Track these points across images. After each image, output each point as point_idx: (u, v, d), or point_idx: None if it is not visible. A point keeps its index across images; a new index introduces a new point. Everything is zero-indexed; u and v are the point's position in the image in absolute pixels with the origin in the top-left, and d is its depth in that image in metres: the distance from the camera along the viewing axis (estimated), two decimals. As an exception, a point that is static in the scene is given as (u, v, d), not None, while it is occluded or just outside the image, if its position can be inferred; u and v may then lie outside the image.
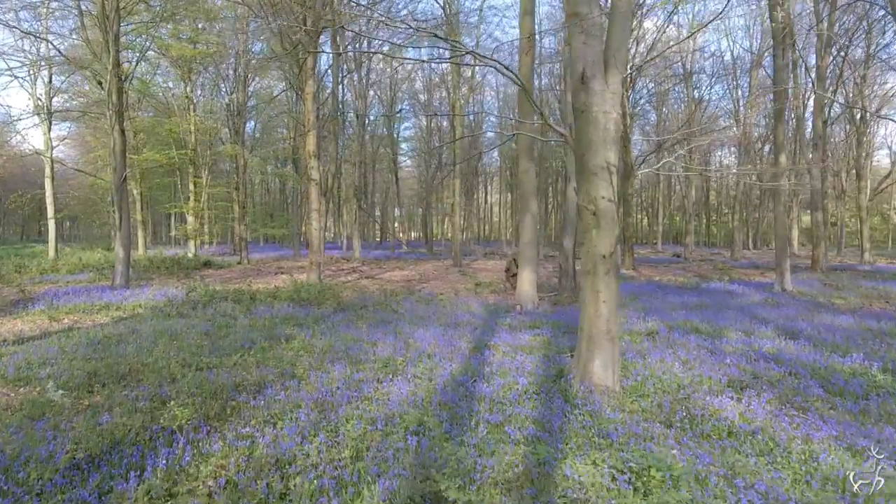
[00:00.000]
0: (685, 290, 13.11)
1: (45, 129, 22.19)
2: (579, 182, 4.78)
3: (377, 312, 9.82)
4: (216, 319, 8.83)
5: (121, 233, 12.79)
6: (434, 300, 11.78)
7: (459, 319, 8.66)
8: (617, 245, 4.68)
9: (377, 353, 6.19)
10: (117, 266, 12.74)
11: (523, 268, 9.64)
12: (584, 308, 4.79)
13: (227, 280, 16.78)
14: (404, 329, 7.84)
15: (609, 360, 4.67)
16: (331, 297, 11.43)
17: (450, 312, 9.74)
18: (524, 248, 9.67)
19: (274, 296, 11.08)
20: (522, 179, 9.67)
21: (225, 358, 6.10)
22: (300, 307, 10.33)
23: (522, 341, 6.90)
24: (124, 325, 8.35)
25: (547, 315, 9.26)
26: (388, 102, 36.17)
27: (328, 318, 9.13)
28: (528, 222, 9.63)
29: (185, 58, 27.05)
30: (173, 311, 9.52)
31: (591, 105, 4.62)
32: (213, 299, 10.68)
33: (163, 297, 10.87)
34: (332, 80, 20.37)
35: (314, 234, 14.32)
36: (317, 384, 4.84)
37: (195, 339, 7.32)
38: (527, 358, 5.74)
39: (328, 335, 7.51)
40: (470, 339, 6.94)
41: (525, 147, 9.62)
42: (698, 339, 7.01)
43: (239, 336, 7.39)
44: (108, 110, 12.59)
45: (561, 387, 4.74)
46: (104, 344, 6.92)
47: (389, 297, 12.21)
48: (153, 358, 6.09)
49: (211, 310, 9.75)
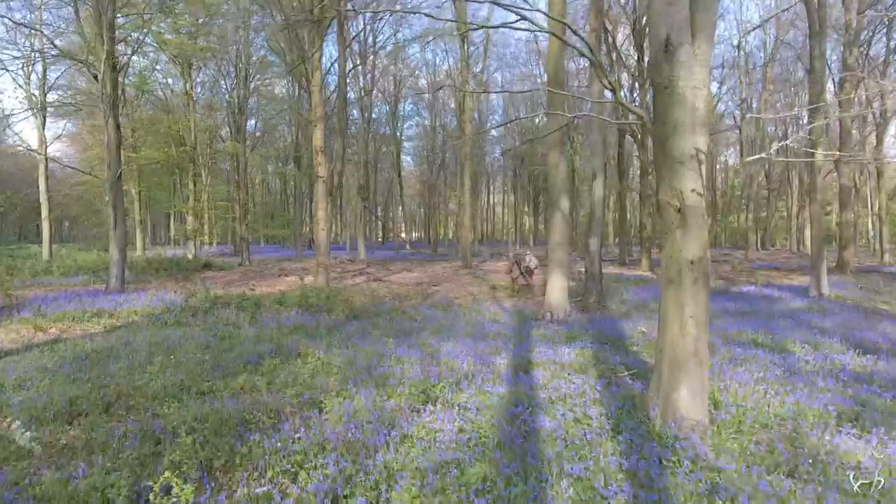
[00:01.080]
0: (718, 295, 12.29)
1: (38, 126, 21.36)
2: (660, 173, 3.96)
3: (395, 321, 9.00)
4: (218, 329, 8.00)
5: (115, 233, 11.97)
6: (452, 306, 10.97)
7: (487, 330, 7.84)
8: (707, 248, 3.87)
9: (405, 372, 5.36)
10: (112, 269, 11.92)
11: (553, 272, 8.82)
12: (665, 325, 3.97)
13: (228, 283, 15.95)
14: (429, 341, 7.01)
15: (698, 388, 3.85)
16: (341, 303, 10.61)
17: (474, 321, 8.92)
18: (554, 251, 8.85)
19: (280, 301, 10.26)
20: (552, 175, 8.86)
21: (230, 379, 5.28)
22: (309, 315, 9.51)
23: (567, 357, 6.07)
24: (117, 335, 7.53)
25: (582, 325, 8.44)
26: (393, 100, 35.37)
27: (341, 328, 8.31)
28: (558, 222, 8.81)
29: (184, 53, 26.25)
30: (171, 320, 8.70)
31: (677, 79, 3.80)
32: (215, 305, 9.86)
33: (160, 303, 10.04)
34: (339, 74, 19.57)
35: (321, 235, 13.50)
36: (342, 415, 4.01)
37: (195, 353, 6.49)
38: (583, 381, 4.91)
39: (344, 349, 6.69)
40: (507, 354, 6.12)
41: (556, 140, 8.80)
42: (764, 353, 6.19)
43: (244, 349, 6.57)
44: (103, 102, 11.77)
45: (639, 419, 3.92)
46: (92, 360, 6.10)
47: (403, 303, 11.39)
48: (147, 378, 5.27)
49: (212, 318, 8.93)
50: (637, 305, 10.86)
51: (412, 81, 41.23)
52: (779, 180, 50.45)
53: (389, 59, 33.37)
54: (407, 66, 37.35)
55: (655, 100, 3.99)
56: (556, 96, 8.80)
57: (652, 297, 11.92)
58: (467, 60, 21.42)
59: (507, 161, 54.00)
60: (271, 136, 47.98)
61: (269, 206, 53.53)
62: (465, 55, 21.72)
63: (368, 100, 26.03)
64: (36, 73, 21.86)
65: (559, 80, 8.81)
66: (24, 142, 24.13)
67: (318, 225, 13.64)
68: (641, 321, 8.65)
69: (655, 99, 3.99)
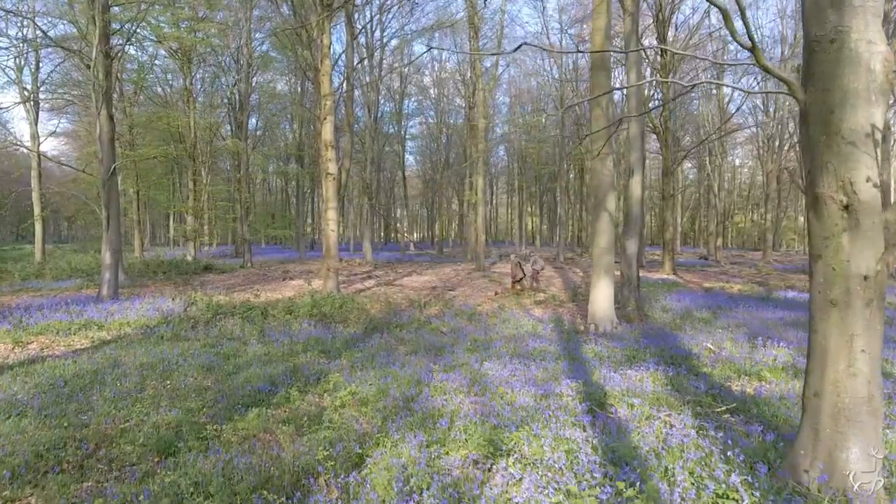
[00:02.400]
0: (765, 303, 11.30)
1: (31, 121, 20.35)
2: (818, 159, 2.97)
3: (420, 333, 8.01)
4: (221, 345, 7.01)
5: (108, 235, 10.97)
6: (478, 315, 9.97)
7: (531, 347, 6.84)
8: (885, 260, 2.89)
9: (454, 407, 4.37)
10: (104, 273, 10.92)
11: (599, 280, 7.82)
12: (825, 360, 2.98)
13: (230, 287, 14.96)
14: (468, 361, 6.02)
15: (874, 444, 2.87)
16: (356, 312, 9.62)
17: (510, 335, 7.93)
18: (601, 257, 7.85)
19: (289, 310, 9.26)
20: (597, 171, 7.87)
21: (238, 417, 4.28)
22: (323, 326, 8.52)
23: (640, 384, 5.08)
24: (105, 353, 6.53)
25: (634, 339, 7.44)
26: (399, 97, 34.39)
27: (362, 343, 7.31)
28: (604, 224, 7.82)
29: (184, 47, 25.28)
30: (168, 333, 7.70)
31: (847, 30, 2.82)
32: (217, 315, 8.87)
33: (156, 313, 9.04)
34: (346, 65, 18.55)
35: (330, 237, 12.51)
36: (390, 480, 3.02)
37: (194, 377, 5.51)
38: (681, 421, 3.91)
39: (370, 370, 5.70)
40: (568, 380, 5.12)
41: (602, 132, 7.82)
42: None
43: (253, 373, 5.57)
44: (94, 91, 10.78)
45: (790, 489, 2.92)
46: (73, 387, 5.10)
47: (424, 311, 10.40)
48: (136, 415, 4.28)
49: (214, 330, 7.94)
50: (682, 314, 9.87)
51: (417, 79, 40.26)
52: (788, 180, 49.58)
53: (395, 55, 32.40)
54: (413, 63, 36.34)
55: (812, 61, 3.00)
56: (600, 81, 7.81)
57: (694, 304, 10.94)
58: (479, 49, 20.40)
59: (511, 161, 53.05)
60: (273, 134, 47.04)
61: (270, 206, 52.58)
62: (477, 48, 20.71)
63: (375, 95, 25.03)
64: (29, 67, 20.85)
65: (605, 63, 7.83)
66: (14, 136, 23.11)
67: (326, 226, 12.64)
68: (700, 335, 7.66)
69: (811, 60, 3.00)
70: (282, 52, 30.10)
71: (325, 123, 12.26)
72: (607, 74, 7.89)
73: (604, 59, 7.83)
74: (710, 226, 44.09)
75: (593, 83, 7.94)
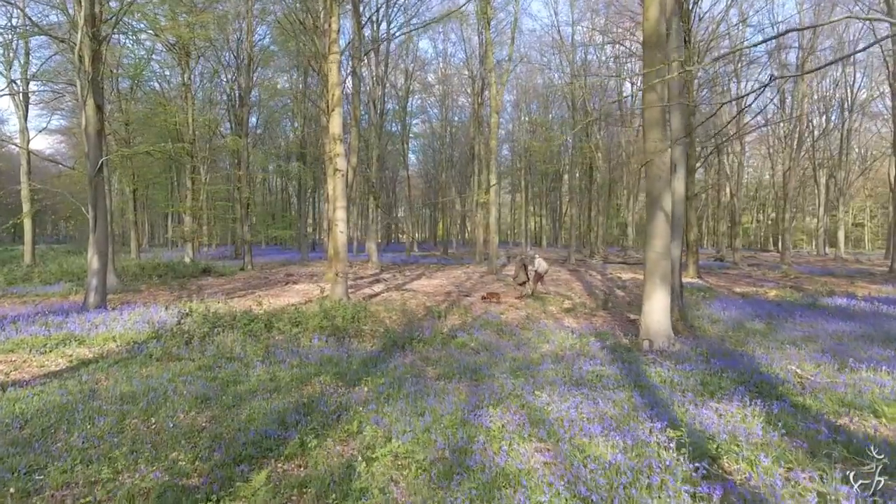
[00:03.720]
0: (816, 311, 10.27)
1: (21, 115, 19.32)
2: None
3: (448, 350, 6.99)
4: (219, 367, 5.98)
5: (96, 236, 9.94)
6: (504, 325, 8.95)
7: (584, 370, 5.79)
8: None
9: (520, 464, 3.34)
10: (91, 279, 9.89)
11: (654, 289, 6.79)
12: None
13: (230, 292, 13.93)
14: (517, 391, 5.00)
15: None
16: (370, 324, 8.60)
17: (550, 351, 6.91)
18: (656, 262, 6.82)
19: (296, 322, 8.23)
20: (652, 164, 6.85)
21: (240, 480, 3.25)
22: (336, 341, 7.49)
23: (741, 425, 4.04)
24: (81, 379, 5.50)
25: (698, 359, 6.41)
26: (403, 92, 33.39)
27: (383, 364, 6.28)
28: (660, 225, 6.79)
29: (182, 41, 24.27)
30: (158, 350, 6.67)
31: None
32: (215, 327, 7.84)
33: (146, 326, 8.01)
34: (353, 55, 17.52)
35: (339, 238, 11.47)
36: None
37: (185, 413, 4.49)
38: (831, 493, 2.89)
39: (402, 402, 4.67)
40: (648, 420, 4.09)
41: (655, 117, 6.81)
42: None
43: (258, 409, 4.54)
44: (79, 79, 9.75)
45: None
46: (33, 429, 4.08)
47: (445, 321, 9.37)
48: (106, 475, 3.26)
49: (211, 347, 6.90)
50: (733, 326, 8.85)
51: (421, 77, 39.28)
52: (800, 179, 48.67)
53: (401, 50, 31.43)
54: (418, 59, 35.41)
55: None
56: (655, 62, 6.79)
57: (740, 313, 9.92)
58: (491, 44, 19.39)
59: (515, 160, 52.05)
60: (273, 132, 46.04)
61: (271, 207, 51.60)
62: (489, 40, 19.71)
63: (381, 90, 24.02)
64: (18, 59, 19.83)
65: (661, 40, 6.81)
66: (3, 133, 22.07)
67: (335, 227, 11.60)
68: (771, 353, 6.65)
69: None
70: (283, 46, 29.14)
71: (332, 116, 11.23)
72: (664, 54, 6.88)
73: (659, 35, 6.80)
74: (721, 226, 43.12)
75: (647, 63, 6.91)
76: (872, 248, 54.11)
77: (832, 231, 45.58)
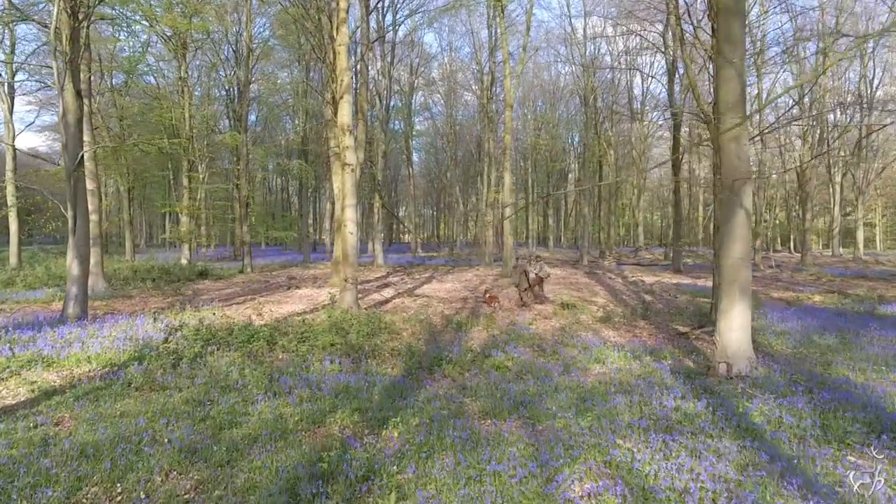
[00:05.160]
0: (881, 321, 9.17)
1: (5, 110, 18.19)
2: None
3: (485, 374, 5.87)
4: (212, 403, 4.86)
5: (75, 239, 8.82)
6: (542, 341, 7.83)
7: (666, 408, 4.67)
8: None
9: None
10: (70, 288, 8.77)
11: (733, 303, 5.66)
12: None
13: (228, 299, 12.82)
14: (591, 436, 3.88)
15: None
16: (388, 339, 7.49)
17: (607, 375, 5.78)
18: (735, 270, 5.69)
19: (303, 337, 7.11)
20: (729, 151, 5.73)
21: None
22: (351, 363, 6.35)
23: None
24: (36, 421, 4.39)
25: (800, 389, 5.28)
26: (408, 87, 32.26)
27: (411, 396, 5.16)
28: (739, 225, 5.67)
29: (178, 32, 23.13)
30: (139, 376, 5.54)
31: None
32: (209, 344, 6.74)
33: (128, 343, 6.87)
34: (361, 41, 16.38)
35: (348, 240, 10.36)
36: None
37: (165, 477, 3.37)
38: None
39: (446, 456, 3.56)
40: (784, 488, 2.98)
41: (733, 96, 5.67)
42: None
43: (259, 469, 3.42)
44: (56, 60, 8.62)
45: None
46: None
47: (470, 334, 8.25)
48: None
49: (203, 371, 5.78)
50: (803, 341, 7.73)
51: (426, 73, 38.17)
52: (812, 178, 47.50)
53: (406, 46, 30.31)
54: (423, 54, 34.29)
55: None
56: (733, 30, 5.67)
57: (801, 325, 8.80)
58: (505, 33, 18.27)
59: (519, 158, 50.89)
60: (273, 130, 44.88)
61: (270, 206, 50.48)
62: (504, 29, 18.58)
63: (387, 82, 22.88)
64: (3, 48, 18.70)
65: (739, 5, 5.71)
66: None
67: (344, 227, 10.49)
68: (867, 375, 5.53)
69: None
70: (284, 41, 28.03)
71: (341, 104, 10.10)
72: (741, 21, 5.75)
73: (739, 4, 5.70)
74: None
75: (723, 33, 5.79)
76: (883, 247, 52.93)
77: (849, 231, 44.35)
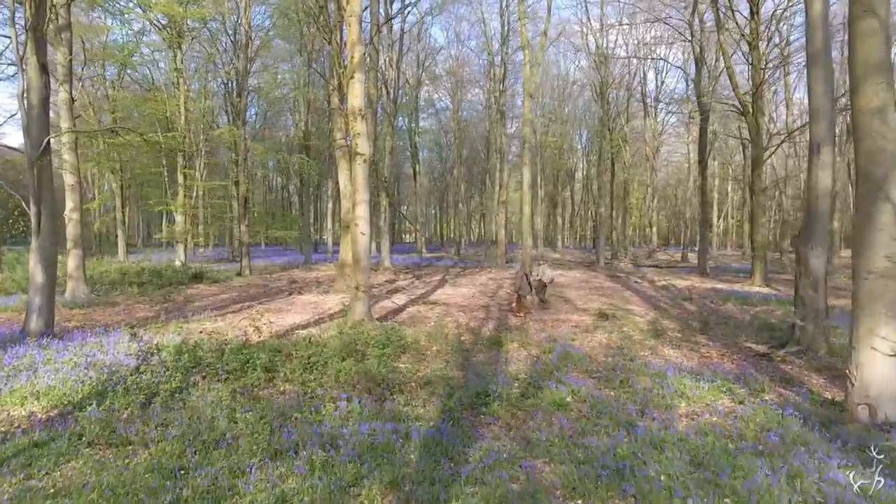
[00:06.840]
0: None
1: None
2: None
3: (553, 420, 4.50)
4: (187, 474, 3.48)
5: (39, 241, 7.46)
6: (602, 368, 6.46)
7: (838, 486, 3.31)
8: None
9: None
10: (32, 298, 7.41)
11: (877, 325, 4.29)
12: None
13: (222, 306, 11.46)
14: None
15: None
16: (411, 361, 6.13)
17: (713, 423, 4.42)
18: (884, 284, 4.30)
19: (309, 364, 5.73)
20: (872, 130, 4.34)
21: None
22: (373, 401, 4.96)
23: None
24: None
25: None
26: (414, 81, 30.90)
27: (461, 457, 3.79)
28: (885, 222, 4.30)
29: (174, 21, 21.79)
30: (95, 424, 4.17)
31: None
32: (192, 372, 5.38)
33: (91, 373, 5.48)
34: (371, 21, 15.02)
35: (360, 241, 9.00)
36: None
37: None
38: None
39: None
40: None
41: (875, 56, 4.31)
42: None
43: None
44: (14, 28, 7.25)
45: None
46: None
47: (506, 352, 6.88)
48: None
49: (182, 416, 4.40)
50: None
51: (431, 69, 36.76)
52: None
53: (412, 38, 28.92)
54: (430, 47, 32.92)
55: None
56: None
57: None
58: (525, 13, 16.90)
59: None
60: (273, 126, 43.50)
61: (271, 205, 49.11)
62: (522, 13, 17.20)
63: (395, 73, 21.52)
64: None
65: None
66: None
67: (354, 227, 9.11)
68: None
69: None
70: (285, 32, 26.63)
71: (352, 84, 8.74)
72: (887, -42, 4.40)
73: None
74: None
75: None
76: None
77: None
